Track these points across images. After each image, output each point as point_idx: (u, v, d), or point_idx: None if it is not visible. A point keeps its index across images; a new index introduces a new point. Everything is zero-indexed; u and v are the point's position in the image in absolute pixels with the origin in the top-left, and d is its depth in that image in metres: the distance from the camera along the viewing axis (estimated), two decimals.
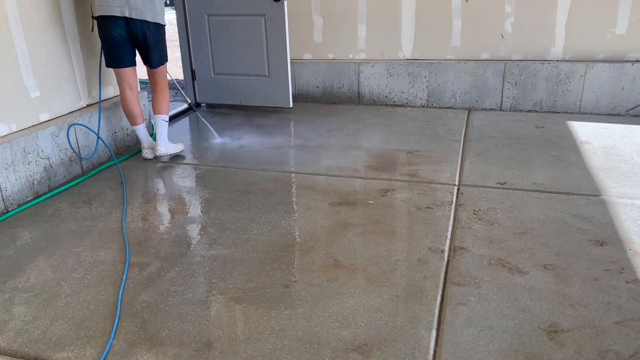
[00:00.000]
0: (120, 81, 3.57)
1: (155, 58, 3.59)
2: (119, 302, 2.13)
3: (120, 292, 2.20)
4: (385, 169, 3.43)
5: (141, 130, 3.73)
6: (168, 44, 3.87)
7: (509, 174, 3.27)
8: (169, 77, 3.93)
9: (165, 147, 3.72)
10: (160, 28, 3.52)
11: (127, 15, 3.32)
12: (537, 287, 2.14)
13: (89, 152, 3.60)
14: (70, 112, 3.53)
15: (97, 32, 3.49)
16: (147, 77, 3.82)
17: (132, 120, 3.69)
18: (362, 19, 4.80)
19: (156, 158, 3.77)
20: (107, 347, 1.88)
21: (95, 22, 3.44)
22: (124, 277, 2.31)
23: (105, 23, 3.35)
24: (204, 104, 5.22)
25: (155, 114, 3.71)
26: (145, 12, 3.36)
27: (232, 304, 2.10)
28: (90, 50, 3.67)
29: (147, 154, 3.77)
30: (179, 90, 6.09)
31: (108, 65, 3.55)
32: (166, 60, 3.72)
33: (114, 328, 1.98)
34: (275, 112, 4.82)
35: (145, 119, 3.88)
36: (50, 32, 3.34)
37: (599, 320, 1.94)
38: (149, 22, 3.40)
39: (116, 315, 2.05)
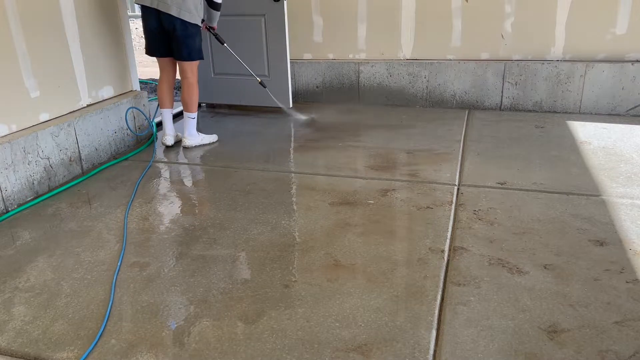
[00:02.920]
0: (159, 68, 3.87)
1: (183, 52, 3.69)
2: (111, 300, 2.13)
3: (112, 289, 2.20)
4: (385, 168, 3.43)
5: (165, 115, 3.98)
6: None
7: (509, 174, 3.27)
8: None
9: (191, 139, 3.97)
10: (187, 25, 3.58)
11: (155, 6, 3.50)
12: (537, 287, 2.14)
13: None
14: (70, 112, 3.53)
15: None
16: (146, 78, 3.83)
17: (160, 104, 3.97)
18: (362, 19, 4.80)
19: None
20: (90, 348, 1.88)
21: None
22: (116, 272, 2.31)
23: (143, 13, 3.60)
24: (204, 104, 5.22)
25: (184, 110, 3.92)
26: (171, 7, 3.49)
27: (232, 304, 2.10)
28: (91, 50, 3.67)
29: (166, 140, 3.99)
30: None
31: (146, 53, 3.80)
32: (198, 58, 3.78)
33: (102, 326, 1.98)
34: (275, 112, 4.82)
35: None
36: (50, 32, 3.34)
37: (599, 320, 1.94)
38: (174, 16, 3.52)
39: (106, 314, 2.05)
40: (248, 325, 1.97)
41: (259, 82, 4.26)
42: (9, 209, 3.00)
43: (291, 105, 4.72)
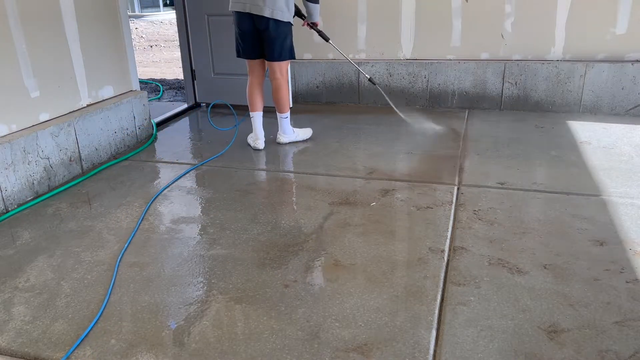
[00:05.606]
0: (250, 70, 3.86)
1: (275, 53, 3.72)
2: (106, 301, 2.13)
3: (110, 290, 2.20)
4: (385, 168, 3.43)
5: (257, 118, 3.92)
6: (167, 43, 3.88)
7: (509, 173, 3.27)
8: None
9: (284, 137, 4.00)
10: (280, 24, 3.60)
11: (247, 10, 3.54)
12: (537, 287, 2.14)
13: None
14: (70, 112, 3.53)
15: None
16: (147, 78, 3.83)
17: (251, 106, 3.92)
18: (362, 19, 4.80)
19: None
20: (74, 347, 1.88)
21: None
22: (115, 273, 2.31)
23: (237, 18, 3.66)
24: (203, 104, 5.22)
25: (276, 110, 3.95)
26: (264, 8, 3.52)
27: (232, 304, 2.10)
28: (91, 50, 3.68)
29: (258, 144, 3.93)
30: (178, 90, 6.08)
31: (238, 56, 3.83)
32: (289, 58, 3.79)
33: (92, 324, 1.98)
34: (275, 113, 4.81)
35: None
36: (50, 32, 3.34)
37: (599, 320, 1.94)
38: (268, 17, 3.55)
39: (98, 314, 2.05)
40: (248, 325, 1.97)
41: (369, 79, 4.17)
42: (9, 209, 3.00)
43: (291, 105, 4.72)
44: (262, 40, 3.67)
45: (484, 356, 1.78)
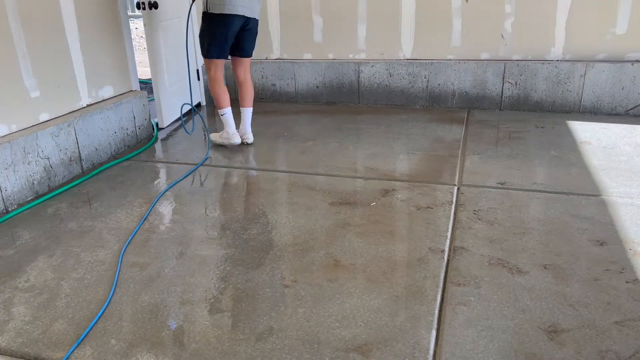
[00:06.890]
0: (219, 69, 3.83)
1: (252, 48, 3.90)
2: (108, 301, 2.13)
3: (113, 289, 2.20)
4: (385, 168, 3.43)
5: (229, 113, 3.91)
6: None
7: (509, 174, 3.27)
8: None
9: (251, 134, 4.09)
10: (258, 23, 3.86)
11: (242, 13, 3.63)
12: (537, 287, 2.14)
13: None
14: (70, 112, 3.53)
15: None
16: (147, 77, 3.83)
17: (224, 102, 3.89)
18: (362, 19, 4.81)
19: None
20: (75, 346, 1.88)
21: (208, 16, 3.63)
22: (117, 272, 2.31)
23: (228, 19, 3.61)
24: (203, 104, 5.22)
25: (246, 106, 4.00)
26: (255, 11, 3.70)
27: (232, 304, 2.10)
28: (91, 50, 3.67)
29: (232, 139, 3.94)
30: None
31: (215, 57, 3.76)
32: None
33: (92, 323, 1.98)
34: (275, 113, 4.82)
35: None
36: (50, 32, 3.34)
37: (599, 320, 1.94)
38: (257, 19, 3.75)
39: (98, 314, 2.05)
40: (248, 325, 1.97)
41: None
42: (9, 209, 3.00)
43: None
44: (242, 39, 3.75)
45: (484, 356, 1.78)
